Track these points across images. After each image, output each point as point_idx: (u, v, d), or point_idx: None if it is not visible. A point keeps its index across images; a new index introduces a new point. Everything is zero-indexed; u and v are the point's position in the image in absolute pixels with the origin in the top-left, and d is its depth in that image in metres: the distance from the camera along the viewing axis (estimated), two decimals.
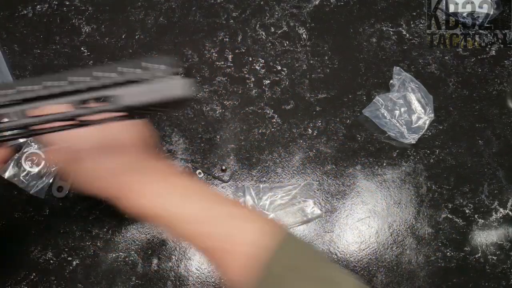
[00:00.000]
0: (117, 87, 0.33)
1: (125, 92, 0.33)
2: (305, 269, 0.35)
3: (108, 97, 0.33)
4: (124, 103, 0.32)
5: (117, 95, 0.32)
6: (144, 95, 0.32)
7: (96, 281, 0.53)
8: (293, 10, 0.66)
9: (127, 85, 0.33)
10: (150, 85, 0.33)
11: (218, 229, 0.36)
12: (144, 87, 0.33)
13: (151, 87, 0.33)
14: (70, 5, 0.64)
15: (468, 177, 0.59)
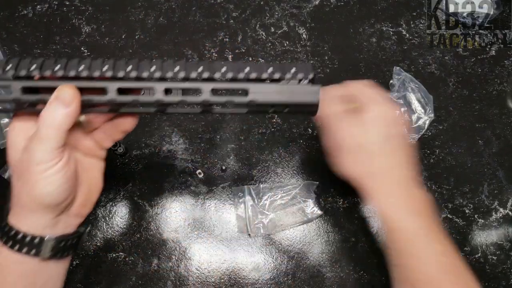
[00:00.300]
0: (251, 82, 0.34)
1: (258, 89, 0.34)
2: None
3: (241, 90, 0.34)
4: (256, 99, 0.34)
5: (251, 90, 0.34)
6: (276, 95, 0.34)
7: (96, 281, 0.53)
8: (293, 10, 0.66)
9: (261, 83, 0.34)
10: (283, 86, 0.34)
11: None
12: (277, 87, 0.34)
13: (283, 88, 0.34)
14: (70, 5, 0.64)
15: (468, 177, 0.59)
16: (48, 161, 0.32)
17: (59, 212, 0.36)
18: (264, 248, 0.55)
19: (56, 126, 0.32)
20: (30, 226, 0.35)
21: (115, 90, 0.33)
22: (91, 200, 0.40)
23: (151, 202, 0.56)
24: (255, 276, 0.54)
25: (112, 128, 0.38)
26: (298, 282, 0.54)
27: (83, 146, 0.38)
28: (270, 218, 0.55)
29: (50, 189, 0.33)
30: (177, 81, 0.33)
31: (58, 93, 0.32)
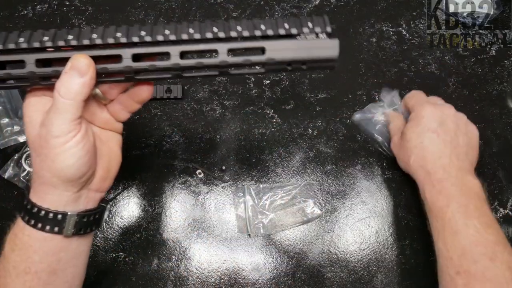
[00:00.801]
0: (267, 39, 0.33)
1: (275, 46, 0.33)
2: None
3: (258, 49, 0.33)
4: (273, 57, 0.33)
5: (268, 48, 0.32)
6: (294, 52, 0.33)
7: (96, 281, 0.53)
8: (293, 10, 0.66)
9: (278, 39, 0.33)
10: (300, 42, 0.33)
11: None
12: (294, 43, 0.33)
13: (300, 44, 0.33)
14: (70, 5, 0.64)
15: None
16: (67, 133, 0.32)
17: (81, 186, 0.35)
18: (264, 248, 0.55)
19: (72, 97, 0.32)
20: (52, 202, 0.35)
21: (130, 57, 0.32)
22: (111, 174, 0.39)
23: (151, 202, 0.56)
24: (255, 276, 0.54)
25: (128, 98, 0.38)
26: (298, 282, 0.54)
27: (100, 119, 0.38)
28: (270, 218, 0.55)
29: (71, 161, 0.33)
30: (193, 43, 0.33)
31: (73, 63, 0.31)
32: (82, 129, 0.33)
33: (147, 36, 0.32)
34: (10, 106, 0.59)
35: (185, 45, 0.33)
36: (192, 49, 0.33)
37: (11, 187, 0.55)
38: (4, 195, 0.56)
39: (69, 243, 0.37)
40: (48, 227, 0.35)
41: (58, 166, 0.33)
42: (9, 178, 0.55)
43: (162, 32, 0.32)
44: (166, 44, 0.33)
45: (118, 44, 0.32)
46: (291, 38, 0.33)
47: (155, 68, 0.33)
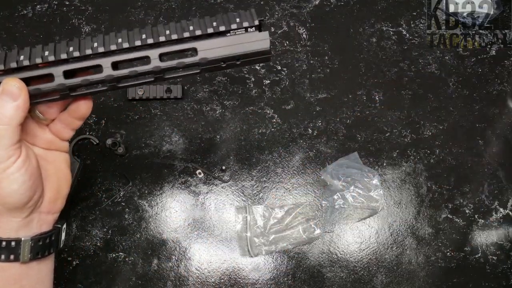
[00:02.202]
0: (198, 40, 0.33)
1: (207, 45, 0.33)
2: None
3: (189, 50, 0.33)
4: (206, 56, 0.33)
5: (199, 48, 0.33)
6: (226, 49, 0.33)
7: (96, 281, 0.53)
8: (293, 10, 0.66)
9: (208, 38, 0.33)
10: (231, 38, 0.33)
11: None
12: (225, 40, 0.33)
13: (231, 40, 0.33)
14: (70, 5, 0.64)
15: (468, 177, 0.59)
16: (6, 159, 0.31)
17: (30, 211, 0.35)
18: None
19: (7, 121, 0.31)
20: (3, 230, 0.34)
21: (62, 74, 0.32)
22: (62, 194, 0.38)
23: (151, 202, 0.56)
24: (255, 276, 0.54)
25: (68, 116, 0.37)
26: (298, 282, 0.54)
27: (42, 140, 0.37)
28: (271, 240, 0.54)
29: (15, 187, 0.32)
30: (124, 53, 0.32)
31: (3, 87, 0.31)
32: (23, 153, 0.32)
33: (75, 51, 0.32)
34: None
35: (116, 55, 0.32)
36: (124, 58, 0.32)
37: None
38: None
39: (29, 269, 0.36)
40: (3, 256, 0.34)
41: (2, 194, 0.32)
42: None
43: (91, 45, 0.32)
44: (97, 56, 0.32)
45: (47, 63, 0.32)
46: (222, 36, 0.33)
47: (89, 83, 0.33)
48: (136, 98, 0.59)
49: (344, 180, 0.57)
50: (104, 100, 0.60)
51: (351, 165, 0.57)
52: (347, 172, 0.57)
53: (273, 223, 0.55)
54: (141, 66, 0.33)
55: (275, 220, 0.55)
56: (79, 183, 0.56)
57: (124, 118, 0.59)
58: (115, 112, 0.59)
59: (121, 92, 0.60)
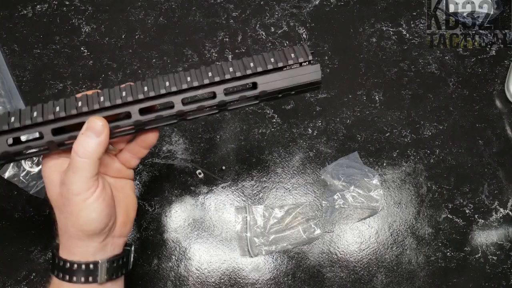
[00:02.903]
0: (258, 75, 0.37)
1: (265, 79, 0.37)
2: None
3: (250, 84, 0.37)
4: (265, 89, 0.37)
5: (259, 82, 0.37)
6: (282, 82, 0.37)
7: None
8: (293, 10, 0.66)
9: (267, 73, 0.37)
10: (287, 72, 0.37)
11: None
12: (281, 74, 0.37)
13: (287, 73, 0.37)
14: (70, 5, 0.64)
15: (468, 177, 0.59)
16: (86, 190, 0.34)
17: (105, 235, 0.37)
18: None
19: (89, 155, 0.34)
20: (82, 254, 0.37)
21: (137, 111, 0.35)
22: (130, 218, 0.41)
23: (151, 202, 0.56)
24: (255, 276, 0.54)
25: (136, 146, 0.40)
26: (298, 282, 0.54)
27: (112, 169, 0.41)
28: (271, 240, 0.54)
29: (94, 216, 0.35)
30: (192, 90, 0.36)
31: (89, 124, 0.34)
32: (100, 184, 0.35)
33: (150, 91, 0.35)
34: (10, 106, 0.59)
35: (186, 93, 0.36)
36: (193, 95, 0.36)
37: (11, 187, 0.55)
38: (4, 195, 0.56)
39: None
40: (82, 278, 0.36)
41: (82, 221, 0.35)
42: (9, 178, 0.55)
43: (164, 84, 0.35)
44: (169, 95, 0.36)
45: (126, 103, 0.35)
46: (279, 70, 0.37)
47: (162, 118, 0.36)
48: None
49: (344, 180, 0.57)
50: None
51: (351, 165, 0.58)
52: (347, 172, 0.57)
53: (273, 223, 0.55)
54: (207, 100, 0.37)
55: (275, 220, 0.55)
56: None
57: None
58: None
59: None
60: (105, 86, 0.61)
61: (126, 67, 0.62)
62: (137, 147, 0.40)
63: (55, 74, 0.61)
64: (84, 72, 0.61)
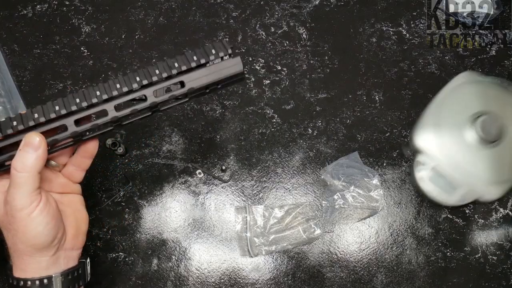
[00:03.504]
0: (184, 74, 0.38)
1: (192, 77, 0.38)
2: None
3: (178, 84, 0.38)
4: (192, 86, 0.38)
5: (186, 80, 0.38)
6: (208, 77, 0.38)
7: (96, 281, 0.53)
8: (293, 10, 0.66)
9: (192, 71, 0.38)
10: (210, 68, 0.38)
11: None
12: (206, 71, 0.38)
13: (211, 69, 0.38)
14: (70, 5, 0.64)
15: None
16: (29, 204, 0.35)
17: (55, 248, 0.38)
18: None
19: (29, 170, 0.35)
20: (35, 270, 0.37)
21: (73, 123, 0.37)
22: (82, 230, 0.42)
23: (151, 202, 0.56)
24: (255, 276, 0.54)
25: (79, 157, 0.41)
26: (298, 282, 0.54)
27: (57, 185, 0.41)
28: (271, 240, 0.54)
29: (40, 229, 0.36)
30: (123, 96, 0.37)
31: (26, 140, 0.35)
32: (43, 198, 0.36)
33: (83, 102, 0.36)
34: (10, 106, 0.59)
35: (117, 99, 0.37)
36: (124, 100, 0.38)
37: None
38: None
39: None
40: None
41: (29, 236, 0.36)
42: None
43: (95, 94, 0.37)
44: (102, 103, 0.37)
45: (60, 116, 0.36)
46: (203, 67, 0.38)
47: (97, 126, 0.38)
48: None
49: (344, 180, 0.57)
50: None
51: (351, 164, 0.58)
52: (347, 172, 0.57)
53: (273, 223, 0.55)
54: (139, 104, 0.38)
55: (275, 220, 0.55)
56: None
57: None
58: None
59: None
60: None
61: (126, 67, 0.62)
62: (79, 158, 0.41)
63: (55, 74, 0.61)
64: (84, 72, 0.61)
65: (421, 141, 0.54)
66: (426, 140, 0.53)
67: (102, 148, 0.57)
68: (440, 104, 0.56)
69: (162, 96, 0.38)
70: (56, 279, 0.38)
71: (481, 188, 0.52)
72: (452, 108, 0.54)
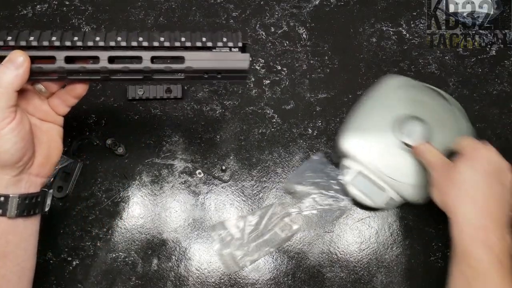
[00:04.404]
0: (187, 50, 0.37)
1: (193, 56, 0.37)
2: None
3: (178, 58, 0.37)
4: (191, 65, 0.37)
5: (187, 57, 0.37)
6: (210, 62, 0.37)
7: (96, 281, 0.53)
8: (293, 10, 0.66)
9: (196, 51, 0.37)
10: (216, 54, 0.37)
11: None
12: (210, 55, 0.37)
13: (216, 55, 0.37)
14: (70, 5, 0.64)
15: None
16: (1, 120, 0.35)
17: (19, 170, 0.38)
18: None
19: (6, 86, 0.35)
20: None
21: (63, 59, 0.36)
22: (51, 161, 0.42)
23: (151, 202, 0.56)
24: (255, 276, 0.54)
25: (66, 94, 0.41)
26: (298, 282, 0.54)
27: (41, 111, 0.41)
28: (252, 248, 0.54)
29: (7, 146, 0.36)
30: (120, 50, 0.36)
31: (10, 57, 0.35)
32: (17, 117, 0.36)
33: (78, 41, 0.36)
34: None
35: (113, 51, 0.36)
36: (119, 54, 0.37)
37: None
38: None
39: (15, 226, 0.39)
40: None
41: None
42: None
43: (93, 38, 0.36)
44: (97, 49, 0.36)
45: (53, 46, 0.36)
46: (208, 50, 0.37)
47: (85, 70, 0.37)
48: (136, 98, 0.59)
49: (309, 184, 0.56)
50: (104, 100, 0.60)
51: (314, 167, 0.57)
52: (310, 177, 0.57)
53: (249, 231, 0.55)
54: (134, 64, 0.37)
55: (251, 227, 0.55)
56: (79, 183, 0.56)
57: (124, 118, 0.59)
58: (115, 112, 0.59)
59: (121, 92, 0.60)
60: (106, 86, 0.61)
61: None
62: (66, 95, 0.41)
63: None
64: None
65: (347, 144, 0.53)
66: (351, 144, 0.53)
67: (102, 148, 0.57)
68: (365, 107, 0.56)
69: (159, 64, 0.37)
70: (12, 199, 0.38)
71: (406, 191, 0.52)
72: (377, 112, 0.54)
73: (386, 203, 0.53)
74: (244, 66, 0.37)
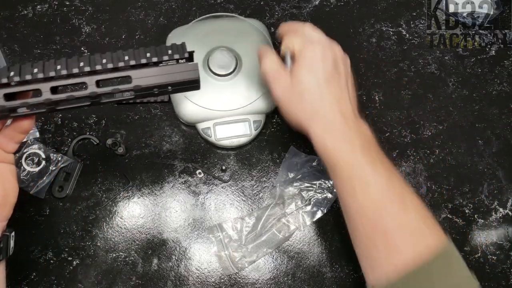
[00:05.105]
0: (132, 69, 0.36)
1: (140, 74, 0.36)
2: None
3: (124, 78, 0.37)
4: (139, 84, 0.36)
5: (134, 76, 0.36)
6: (158, 78, 0.36)
7: (96, 281, 0.53)
8: (293, 11, 0.66)
9: (142, 68, 0.36)
10: (163, 68, 0.36)
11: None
12: (157, 70, 0.36)
13: (163, 69, 0.36)
14: (70, 5, 0.64)
15: (468, 177, 0.59)
16: None
17: None
18: None
19: None
20: None
21: (2, 96, 0.34)
22: (9, 202, 0.40)
23: (151, 202, 0.56)
24: (255, 276, 0.54)
25: (12, 131, 0.39)
26: (298, 282, 0.54)
27: None
28: (250, 250, 0.54)
29: None
30: (61, 79, 0.35)
31: None
32: None
33: (16, 76, 0.34)
34: None
35: (54, 81, 0.35)
36: (62, 83, 0.35)
37: None
38: None
39: None
40: None
41: None
42: None
43: (31, 71, 0.34)
44: (37, 81, 0.34)
45: None
46: (155, 66, 0.36)
47: (28, 105, 0.35)
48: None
49: (296, 181, 0.56)
50: None
51: (293, 162, 0.57)
52: (295, 171, 0.57)
53: (247, 232, 0.55)
54: (79, 91, 0.35)
55: (248, 229, 0.55)
56: (79, 183, 0.56)
57: (124, 118, 0.59)
58: (115, 112, 0.59)
59: None
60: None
61: None
62: (12, 131, 0.39)
63: None
64: None
65: (187, 117, 0.56)
66: (189, 114, 0.56)
67: (102, 148, 0.57)
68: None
69: (106, 88, 0.36)
70: None
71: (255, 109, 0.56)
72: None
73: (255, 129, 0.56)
74: (194, 76, 0.37)
